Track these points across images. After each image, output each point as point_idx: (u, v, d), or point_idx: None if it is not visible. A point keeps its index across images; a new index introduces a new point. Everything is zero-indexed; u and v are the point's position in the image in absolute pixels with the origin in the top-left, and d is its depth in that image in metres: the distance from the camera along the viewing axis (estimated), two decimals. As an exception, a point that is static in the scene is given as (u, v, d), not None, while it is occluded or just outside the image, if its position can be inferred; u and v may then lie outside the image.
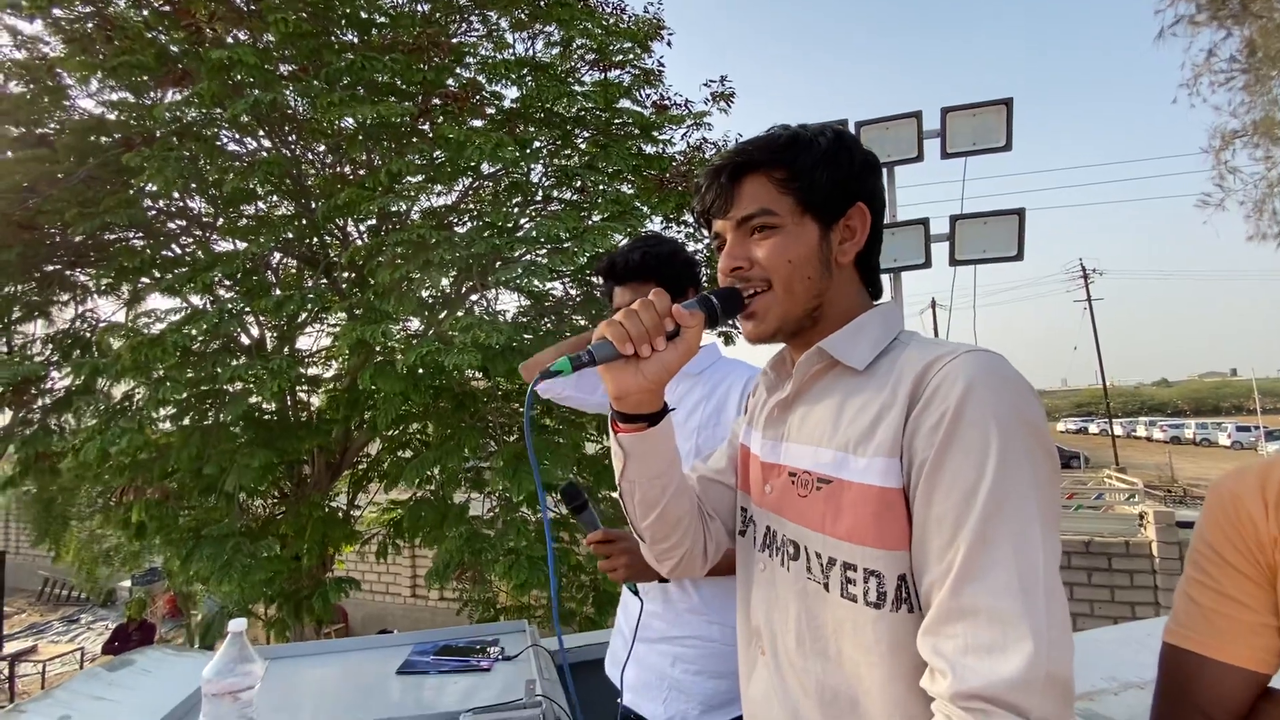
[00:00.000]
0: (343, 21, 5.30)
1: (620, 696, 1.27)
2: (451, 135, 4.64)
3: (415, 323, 5.45)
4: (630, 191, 5.79)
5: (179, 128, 4.89)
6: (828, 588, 0.69)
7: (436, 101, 5.16)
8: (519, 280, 4.93)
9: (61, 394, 5.22)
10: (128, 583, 13.27)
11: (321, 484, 5.93)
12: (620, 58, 5.79)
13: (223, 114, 4.82)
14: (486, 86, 5.51)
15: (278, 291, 5.01)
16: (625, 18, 5.97)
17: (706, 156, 6.02)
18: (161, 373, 4.61)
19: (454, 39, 5.60)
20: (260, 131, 5.56)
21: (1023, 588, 0.55)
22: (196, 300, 5.14)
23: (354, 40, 5.37)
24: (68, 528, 6.24)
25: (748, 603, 0.84)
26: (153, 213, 5.54)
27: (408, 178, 5.06)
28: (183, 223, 5.86)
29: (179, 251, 5.69)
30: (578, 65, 5.99)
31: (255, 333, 5.64)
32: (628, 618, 1.34)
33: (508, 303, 7.94)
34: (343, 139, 5.38)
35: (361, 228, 5.89)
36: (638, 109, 5.96)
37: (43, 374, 5.03)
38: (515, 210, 5.86)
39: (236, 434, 5.06)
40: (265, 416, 5.53)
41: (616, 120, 5.90)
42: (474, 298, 5.50)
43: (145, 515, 4.67)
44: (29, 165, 4.83)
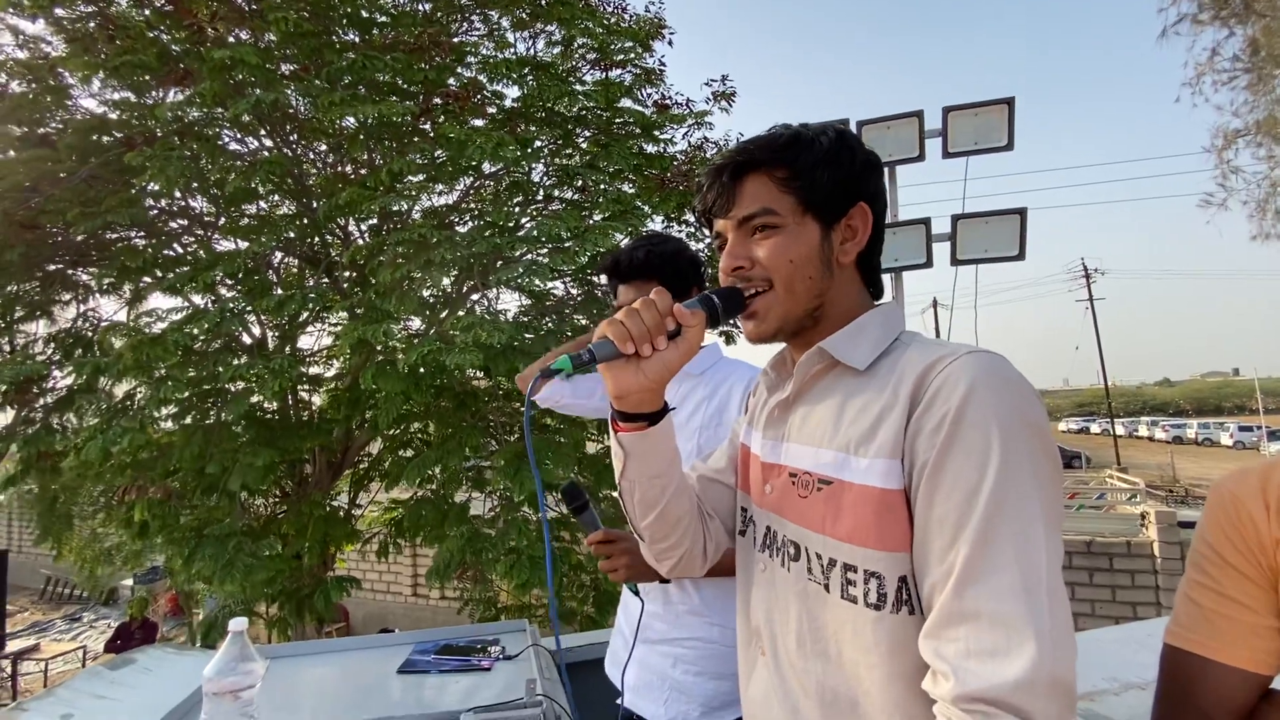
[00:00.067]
0: (344, 21, 5.31)
1: (620, 697, 1.27)
2: (453, 134, 4.64)
3: (416, 322, 5.46)
4: (631, 191, 5.78)
5: (180, 127, 4.90)
6: (828, 589, 0.69)
7: (438, 101, 5.16)
8: (520, 280, 4.93)
9: (63, 393, 5.23)
10: (129, 581, 13.28)
11: (323, 483, 5.94)
12: (621, 57, 5.78)
13: (224, 113, 4.83)
14: (488, 86, 5.51)
15: (279, 291, 5.01)
16: (626, 17, 5.96)
17: (708, 156, 6.01)
18: (163, 372, 4.62)
19: (455, 38, 5.60)
20: (262, 131, 5.56)
21: (1025, 590, 0.55)
22: (198, 299, 5.15)
23: (355, 39, 5.37)
24: (70, 526, 6.25)
25: (747, 603, 0.84)
26: (154, 212, 5.55)
27: (409, 177, 5.06)
28: (184, 222, 5.87)
29: (181, 251, 5.70)
30: (579, 64, 5.98)
31: (257, 332, 5.65)
32: (628, 618, 1.34)
33: (509, 302, 7.94)
34: (344, 138, 5.38)
35: (363, 227, 5.90)
36: (639, 108, 5.95)
37: (45, 373, 5.04)
38: (516, 210, 5.86)
39: (238, 433, 5.07)
40: (267, 416, 5.54)
41: (618, 120, 5.90)
42: (475, 297, 5.50)
43: (148, 514, 4.67)
44: (31, 165, 4.84)
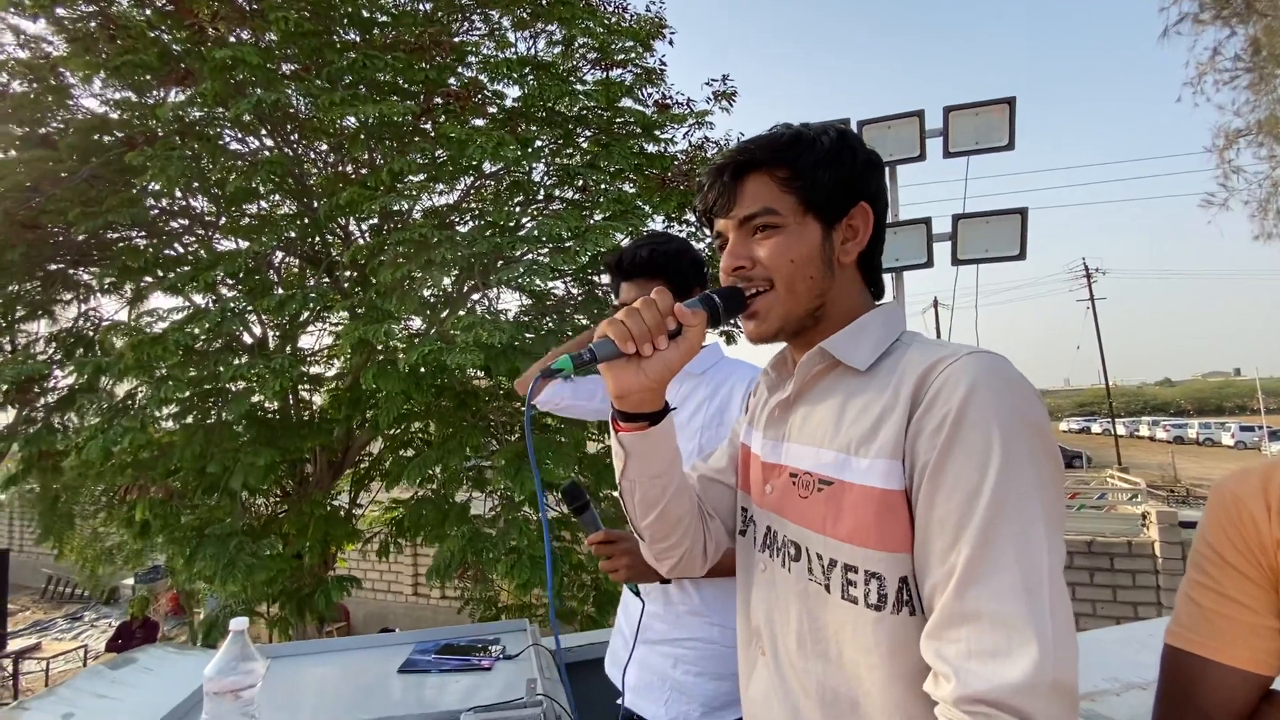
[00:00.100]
0: (344, 20, 5.31)
1: (620, 697, 1.27)
2: (453, 134, 4.64)
3: (417, 322, 5.46)
4: (632, 191, 5.78)
5: (181, 127, 4.90)
6: (828, 589, 0.69)
7: (438, 100, 5.16)
8: (521, 279, 4.93)
9: (65, 392, 5.24)
10: (130, 580, 13.29)
11: (323, 483, 5.95)
12: (622, 57, 5.78)
13: (225, 113, 4.83)
14: (488, 85, 5.51)
15: (280, 290, 5.02)
16: (627, 16, 5.96)
17: (708, 156, 6.01)
18: (164, 371, 4.62)
19: (456, 38, 5.60)
20: (262, 130, 5.56)
21: (1026, 590, 0.55)
22: (199, 299, 5.16)
23: (356, 39, 5.37)
24: (72, 526, 6.25)
25: (748, 603, 0.83)
26: (155, 212, 5.56)
27: (409, 177, 5.06)
28: (185, 222, 5.88)
29: (181, 250, 5.71)
30: (579, 64, 5.98)
31: (257, 331, 5.66)
32: (628, 618, 1.34)
33: (509, 302, 7.95)
34: (345, 138, 5.38)
35: (363, 227, 5.90)
36: (639, 108, 5.95)
37: (46, 372, 5.06)
38: (517, 209, 5.86)
39: (239, 433, 5.07)
40: (267, 415, 5.54)
41: (618, 119, 5.90)
42: (476, 297, 5.50)
43: (149, 514, 4.68)
44: (32, 165, 4.84)
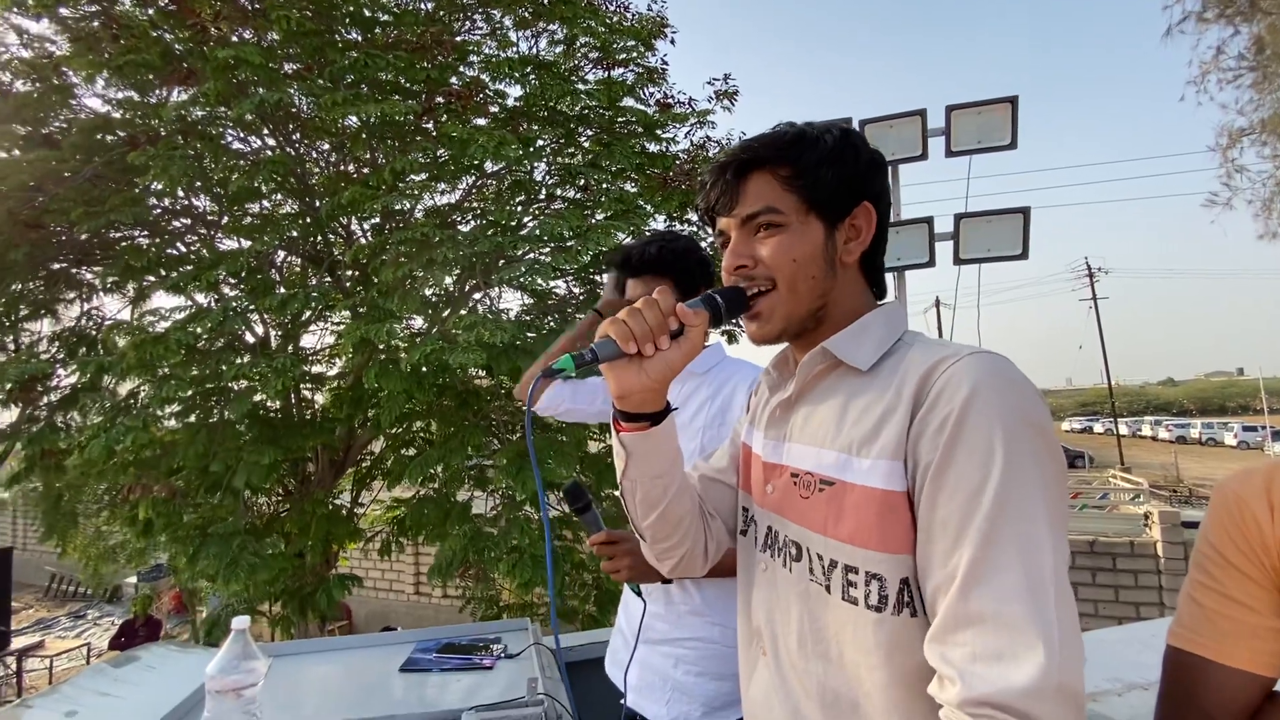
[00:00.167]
0: (346, 20, 5.30)
1: (622, 697, 1.27)
2: (455, 133, 4.64)
3: (419, 321, 5.46)
4: (634, 190, 5.78)
5: (184, 126, 4.91)
6: (829, 590, 0.69)
7: (440, 100, 5.16)
8: (522, 279, 4.93)
9: (67, 391, 5.26)
10: (133, 579, 13.33)
11: (325, 482, 5.96)
12: (624, 56, 5.77)
13: (227, 113, 4.84)
14: (490, 85, 5.51)
15: (282, 290, 5.02)
16: (629, 16, 5.95)
17: (710, 155, 6.00)
18: (166, 370, 4.64)
19: (457, 37, 5.59)
20: (264, 130, 5.57)
21: (1031, 591, 0.54)
22: (201, 298, 5.16)
23: (358, 38, 5.36)
24: (75, 524, 6.28)
25: (749, 603, 0.83)
26: (158, 211, 5.57)
27: (411, 176, 5.07)
28: (187, 221, 5.89)
29: (184, 250, 5.72)
30: (581, 63, 5.98)
31: (260, 331, 5.67)
32: (629, 618, 1.34)
33: (511, 301, 7.96)
34: (346, 137, 5.39)
35: (365, 226, 5.90)
36: (641, 107, 5.94)
37: (49, 371, 5.07)
38: (518, 209, 5.86)
39: (241, 432, 5.08)
40: (270, 414, 5.55)
41: (620, 119, 5.89)
42: (477, 296, 5.50)
43: (152, 512, 4.69)
44: (36, 164, 4.85)
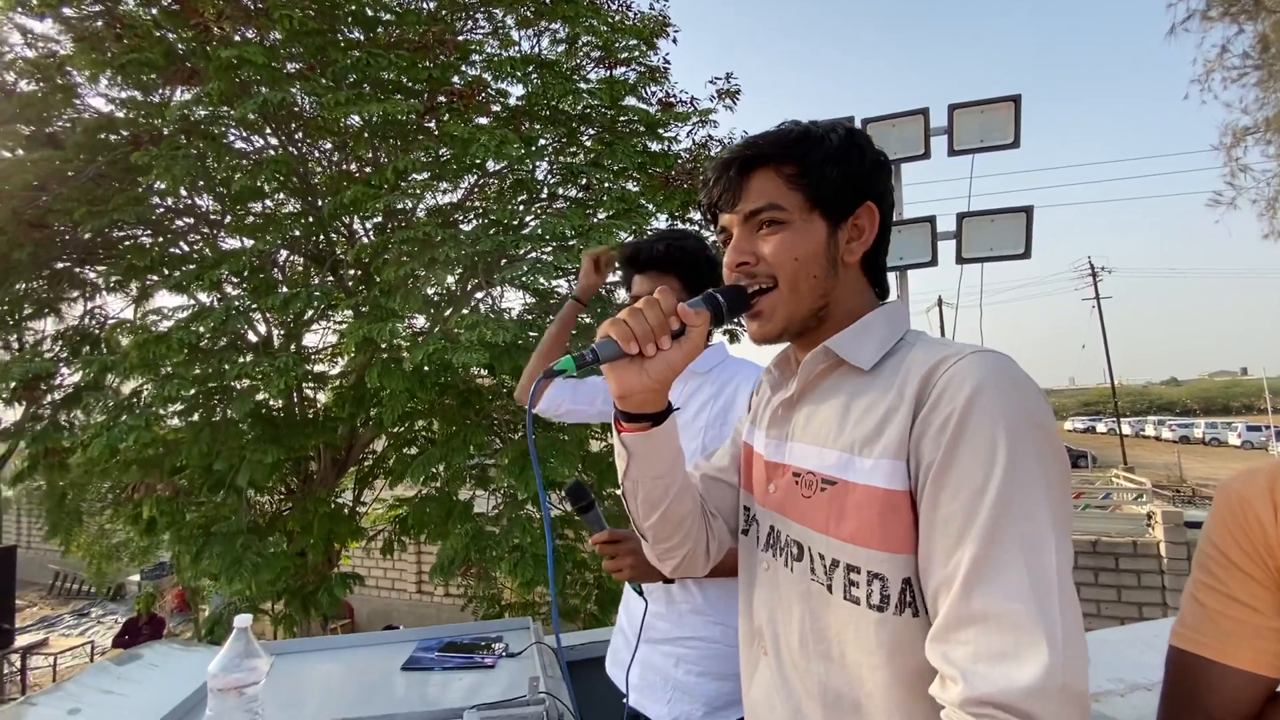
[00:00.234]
0: (349, 19, 5.31)
1: (623, 696, 1.27)
2: (457, 133, 4.64)
3: (421, 320, 5.47)
4: (635, 189, 5.78)
5: (187, 126, 4.92)
6: (831, 589, 0.69)
7: (442, 99, 5.17)
8: (524, 278, 4.94)
9: (71, 390, 5.28)
10: (136, 577, 13.38)
11: (328, 480, 5.97)
12: (626, 55, 5.77)
13: (230, 112, 4.84)
14: (492, 84, 5.51)
15: (284, 289, 5.04)
16: (631, 14, 5.95)
17: (712, 154, 5.99)
18: (169, 369, 4.65)
19: (460, 36, 5.60)
20: (267, 129, 5.58)
21: (1034, 590, 0.54)
22: (204, 297, 5.17)
23: (360, 38, 5.37)
24: (79, 523, 6.30)
25: (750, 602, 0.83)
26: (161, 211, 5.58)
27: (413, 175, 5.07)
28: (190, 220, 5.90)
29: (187, 249, 5.73)
30: (583, 62, 5.97)
31: (262, 330, 5.68)
32: (630, 618, 1.34)
33: (513, 300, 7.94)
34: (349, 136, 5.40)
35: (367, 225, 5.91)
36: (643, 106, 5.94)
37: (53, 370, 5.09)
38: (520, 208, 5.86)
39: (244, 430, 5.09)
40: (272, 413, 5.56)
41: (622, 118, 5.89)
42: (479, 295, 5.51)
43: (155, 511, 4.71)
44: (39, 164, 4.87)
